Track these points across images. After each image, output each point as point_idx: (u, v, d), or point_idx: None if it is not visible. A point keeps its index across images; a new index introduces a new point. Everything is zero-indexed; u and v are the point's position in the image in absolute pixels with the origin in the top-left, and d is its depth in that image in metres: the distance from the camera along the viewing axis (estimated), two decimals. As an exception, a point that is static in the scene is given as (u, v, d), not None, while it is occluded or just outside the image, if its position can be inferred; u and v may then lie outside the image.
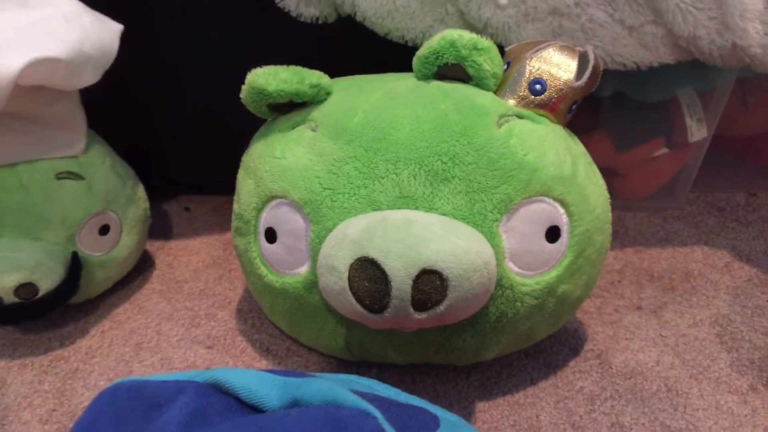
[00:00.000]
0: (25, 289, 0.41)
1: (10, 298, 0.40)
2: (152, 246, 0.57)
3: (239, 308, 0.49)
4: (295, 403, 0.23)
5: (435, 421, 0.26)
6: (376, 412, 0.22)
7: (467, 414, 0.39)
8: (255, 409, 0.22)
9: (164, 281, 0.52)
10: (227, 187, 0.42)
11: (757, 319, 0.45)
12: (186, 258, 0.55)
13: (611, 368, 0.42)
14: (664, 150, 0.54)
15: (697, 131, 0.53)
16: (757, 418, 0.38)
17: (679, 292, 0.48)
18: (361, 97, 0.38)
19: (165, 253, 0.56)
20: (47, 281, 0.42)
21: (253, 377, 0.23)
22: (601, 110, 0.52)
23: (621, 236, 0.54)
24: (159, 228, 0.59)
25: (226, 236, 0.57)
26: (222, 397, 0.23)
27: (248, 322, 0.47)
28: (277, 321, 0.42)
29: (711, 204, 0.58)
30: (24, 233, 0.42)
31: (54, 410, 0.40)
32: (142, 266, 0.53)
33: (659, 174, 0.56)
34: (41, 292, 0.41)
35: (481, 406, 0.39)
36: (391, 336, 0.37)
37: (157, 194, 0.59)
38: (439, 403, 0.40)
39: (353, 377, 0.30)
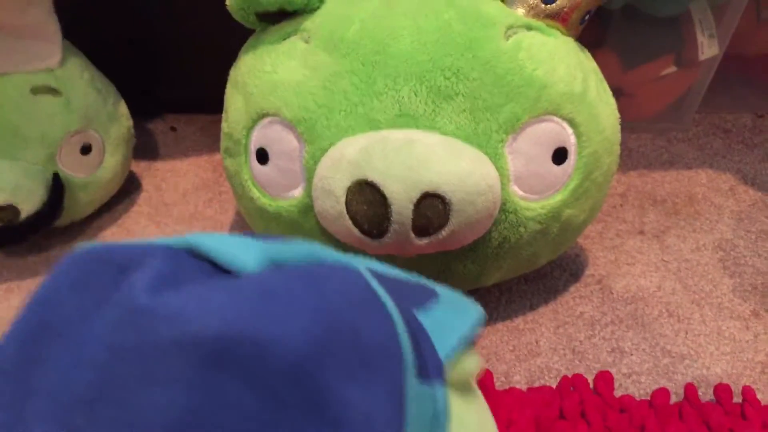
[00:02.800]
0: (6, 211, 0.39)
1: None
2: (138, 167, 0.54)
3: (231, 232, 0.47)
4: (275, 267, 0.21)
5: (432, 294, 0.24)
6: (361, 267, 0.21)
7: (466, 339, 0.38)
8: (231, 273, 0.21)
9: (152, 204, 0.50)
10: (216, 105, 0.40)
11: (761, 244, 0.45)
12: (174, 180, 0.53)
13: (612, 293, 0.41)
14: (673, 68, 0.52)
15: (708, 48, 0.50)
16: (759, 343, 0.38)
17: (683, 217, 0.47)
18: (358, 6, 0.35)
19: (152, 174, 0.54)
20: (28, 203, 0.40)
21: (230, 240, 0.21)
22: (609, 25, 0.49)
23: (624, 158, 0.53)
24: (145, 148, 0.57)
25: (216, 157, 0.55)
26: (195, 261, 0.21)
27: (240, 246, 0.46)
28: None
29: (717, 126, 0.56)
30: (1, 153, 0.39)
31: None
32: (128, 188, 0.51)
33: (666, 93, 0.54)
34: (23, 215, 0.40)
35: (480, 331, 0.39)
36: (390, 262, 0.36)
37: (141, 112, 0.56)
38: (437, 328, 0.39)
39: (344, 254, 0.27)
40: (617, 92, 0.39)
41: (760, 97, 0.58)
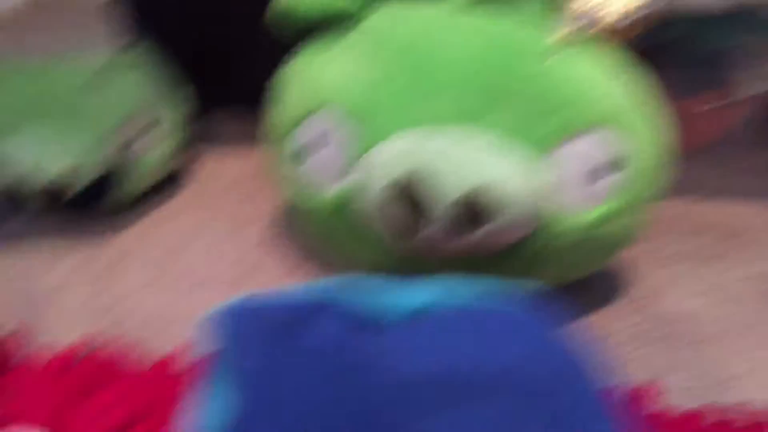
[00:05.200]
0: (68, 178, 0.41)
1: (54, 186, 0.40)
2: (188, 154, 0.56)
3: (273, 222, 0.48)
4: (417, 313, 0.22)
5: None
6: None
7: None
8: (369, 325, 0.22)
9: (197, 191, 0.52)
10: (265, 100, 0.41)
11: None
12: (220, 169, 0.54)
13: (655, 314, 0.40)
14: (727, 100, 0.51)
15: (762, 81, 0.49)
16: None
17: (734, 245, 0.46)
18: (412, 12, 0.36)
19: (199, 162, 0.55)
20: (84, 178, 0.42)
21: (361, 290, 0.23)
22: (660, 55, 0.48)
23: (680, 184, 0.51)
24: (195, 136, 0.58)
25: (260, 150, 0.56)
26: (339, 312, 0.22)
27: (283, 237, 0.46)
28: (313, 237, 0.41)
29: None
30: (62, 128, 0.41)
31: (94, 297, 0.41)
32: (179, 172, 0.53)
33: (720, 123, 0.53)
34: (84, 184, 0.41)
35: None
36: (418, 263, 0.36)
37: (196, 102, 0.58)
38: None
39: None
40: (672, 121, 0.39)
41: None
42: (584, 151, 0.33)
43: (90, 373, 0.34)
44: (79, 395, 0.33)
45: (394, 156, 0.31)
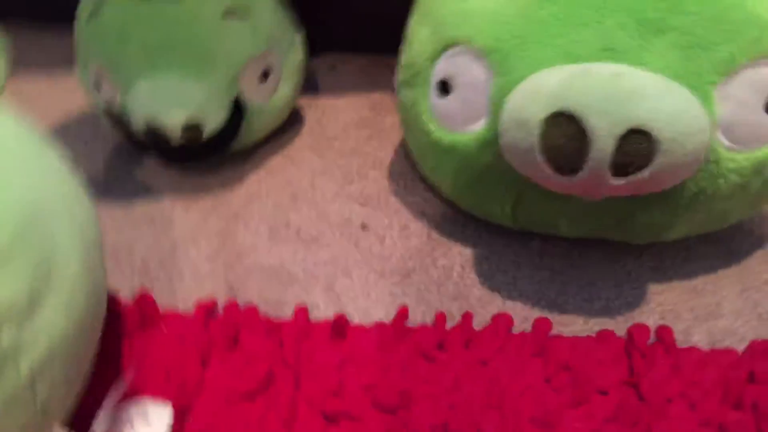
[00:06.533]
0: (190, 130, 0.41)
1: (177, 135, 0.40)
2: (301, 102, 0.56)
3: (391, 169, 0.47)
4: None
5: None
6: None
7: (640, 295, 0.36)
8: None
9: (314, 137, 0.52)
10: (375, 46, 0.39)
11: None
12: (334, 115, 0.54)
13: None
14: None
15: None
16: None
17: None
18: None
19: (313, 109, 0.55)
20: (211, 123, 0.42)
21: None
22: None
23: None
24: (306, 85, 0.58)
25: (374, 96, 0.55)
26: None
27: (401, 184, 0.46)
28: (438, 182, 0.40)
29: None
30: (190, 70, 0.41)
31: (218, 250, 0.41)
32: (293, 120, 0.53)
33: None
34: (205, 135, 0.42)
35: (654, 288, 0.37)
36: (569, 204, 0.34)
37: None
38: (606, 282, 0.37)
39: None
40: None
41: None
42: (755, 83, 0.30)
43: (232, 324, 0.35)
44: (224, 349, 0.34)
45: (554, 88, 0.29)
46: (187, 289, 0.38)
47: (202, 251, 0.41)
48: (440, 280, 0.38)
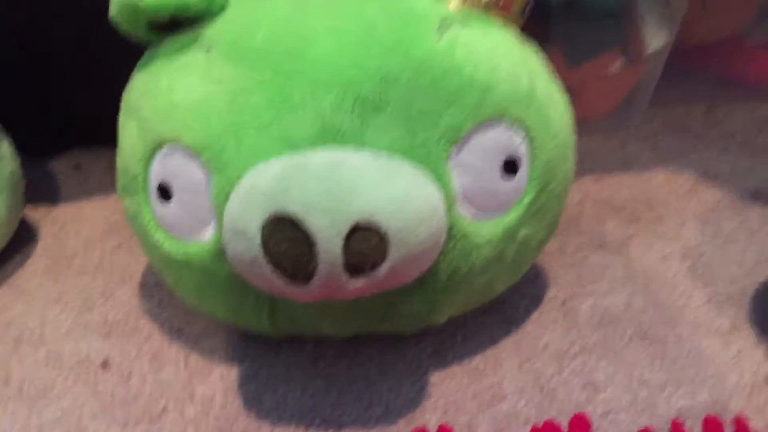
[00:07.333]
0: None
1: None
2: (36, 213, 0.47)
3: (143, 282, 0.41)
4: None
5: None
6: None
7: (420, 387, 0.33)
8: None
9: (50, 256, 0.44)
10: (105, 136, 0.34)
11: (730, 248, 0.41)
12: (77, 226, 0.46)
13: (578, 318, 0.37)
14: (620, 63, 0.48)
15: (655, 40, 0.47)
16: (742, 361, 0.34)
17: (644, 224, 0.43)
18: (265, 8, 0.30)
19: (51, 221, 0.47)
20: None
21: None
22: (550, 20, 0.45)
23: (577, 163, 0.49)
24: (44, 192, 0.50)
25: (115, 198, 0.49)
26: None
27: (154, 299, 0.39)
28: (184, 298, 0.35)
29: (670, 122, 0.53)
30: None
31: None
32: (21, 239, 0.44)
33: (615, 90, 0.51)
34: None
35: (436, 377, 0.33)
36: (328, 306, 0.30)
37: (39, 150, 0.50)
38: (389, 376, 0.33)
39: None
40: (564, 92, 0.36)
41: (710, 88, 0.55)
42: (487, 147, 0.29)
43: None
44: None
45: (269, 187, 0.25)
46: None
47: None
48: (198, 418, 0.32)
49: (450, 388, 0.33)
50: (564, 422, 0.31)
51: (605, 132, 0.52)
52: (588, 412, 0.31)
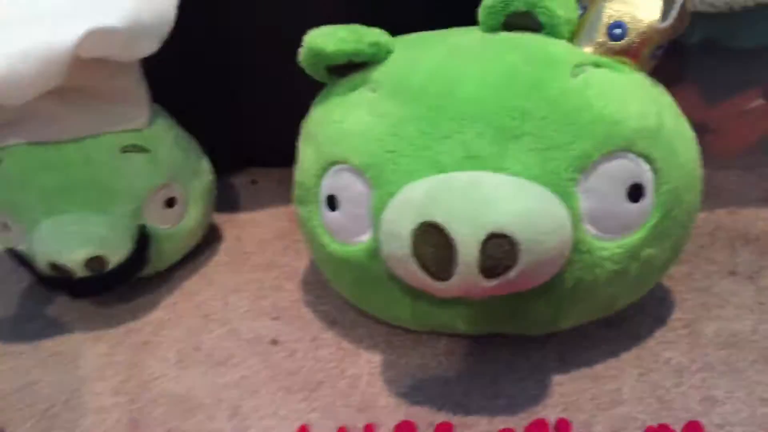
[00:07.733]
0: (95, 262, 0.41)
1: (82, 272, 0.41)
2: (220, 219, 0.57)
3: (304, 279, 0.48)
4: None
5: None
6: None
7: (543, 387, 0.36)
8: None
9: (231, 253, 0.52)
10: (293, 158, 0.41)
11: None
12: (252, 230, 0.55)
13: (702, 339, 0.38)
14: (760, 101, 0.49)
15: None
16: None
17: (777, 257, 0.44)
18: (424, 55, 0.36)
19: (232, 225, 0.56)
20: (116, 254, 0.42)
21: None
22: (687, 59, 0.48)
23: (712, 196, 0.50)
24: (227, 201, 0.59)
25: (292, 208, 0.56)
26: None
27: (313, 293, 0.46)
28: (341, 291, 0.41)
29: (814, 159, 0.52)
30: (91, 207, 0.42)
31: (125, 381, 0.40)
32: (210, 239, 0.53)
33: (754, 128, 0.51)
34: (111, 265, 0.42)
35: (558, 379, 0.37)
36: (460, 306, 0.35)
37: (225, 168, 0.59)
38: (514, 374, 0.37)
39: None
40: (702, 129, 0.38)
41: None
42: (613, 175, 0.32)
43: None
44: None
45: (420, 200, 0.31)
46: (90, 427, 0.37)
47: (108, 385, 0.40)
48: (347, 392, 0.38)
49: (570, 390, 0.36)
50: (678, 428, 0.33)
51: (743, 168, 0.53)
52: (704, 422, 0.33)
